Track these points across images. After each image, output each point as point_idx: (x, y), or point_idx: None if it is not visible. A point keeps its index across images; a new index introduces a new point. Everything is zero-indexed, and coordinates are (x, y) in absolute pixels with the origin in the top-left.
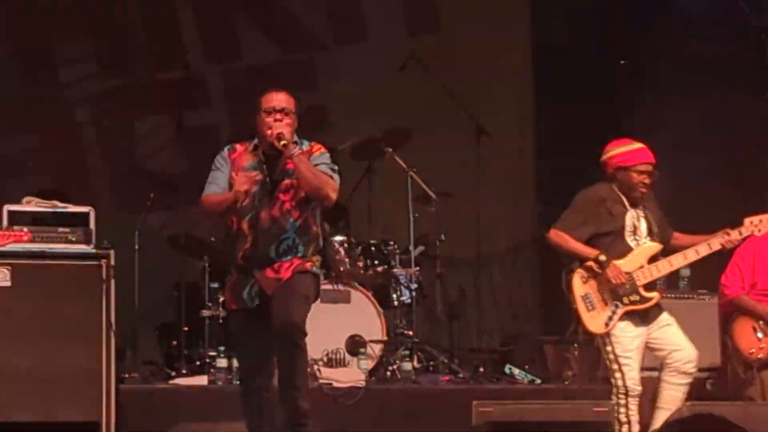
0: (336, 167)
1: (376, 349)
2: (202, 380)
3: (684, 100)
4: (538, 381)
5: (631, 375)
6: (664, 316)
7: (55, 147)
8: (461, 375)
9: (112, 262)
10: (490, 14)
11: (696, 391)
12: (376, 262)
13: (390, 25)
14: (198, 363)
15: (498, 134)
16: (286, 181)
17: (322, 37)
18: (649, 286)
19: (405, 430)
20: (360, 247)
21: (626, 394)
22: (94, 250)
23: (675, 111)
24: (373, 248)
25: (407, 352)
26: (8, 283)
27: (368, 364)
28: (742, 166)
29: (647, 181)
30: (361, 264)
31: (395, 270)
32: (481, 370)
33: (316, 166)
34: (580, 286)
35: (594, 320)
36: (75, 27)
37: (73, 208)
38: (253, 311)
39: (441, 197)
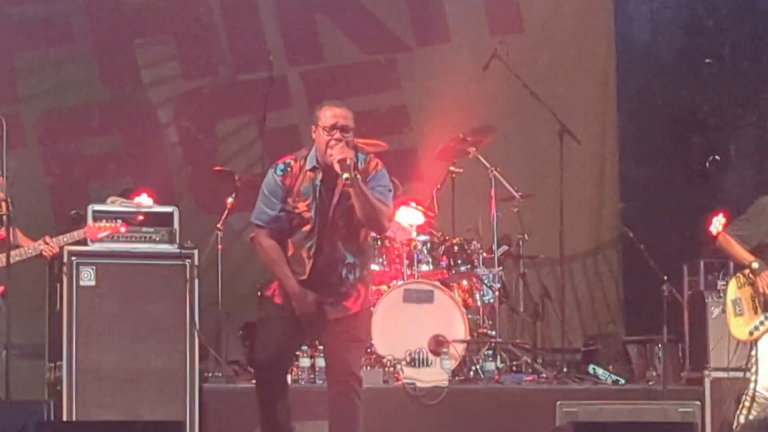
0: (392, 187)
1: (459, 349)
2: None
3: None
4: (622, 381)
5: (763, 383)
6: None
7: (137, 148)
8: (545, 375)
9: (196, 262)
10: (573, 14)
11: None
12: (460, 262)
13: (473, 27)
14: None
15: (581, 134)
16: (343, 207)
17: (404, 38)
18: None
19: (488, 430)
20: (443, 247)
21: (753, 399)
22: (178, 250)
23: (761, 110)
24: (456, 248)
25: (490, 352)
26: (93, 283)
27: (451, 364)
28: None
29: None
30: (444, 264)
31: (478, 270)
32: (565, 370)
33: (372, 189)
34: (734, 290)
35: (739, 326)
36: (158, 29)
37: (157, 208)
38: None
39: (524, 197)
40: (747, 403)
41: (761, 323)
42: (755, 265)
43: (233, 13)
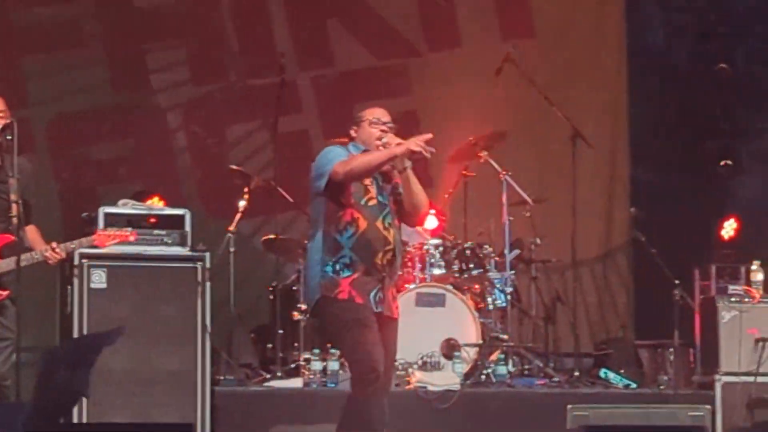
0: None
1: (471, 353)
2: (297, 383)
3: None
4: (634, 385)
5: None
6: None
7: (147, 153)
8: (556, 379)
9: (208, 265)
10: (585, 19)
11: None
12: (472, 265)
13: (484, 32)
14: (293, 365)
15: (593, 138)
16: (393, 194)
17: (416, 44)
18: None
19: None
20: (455, 251)
21: None
22: (190, 253)
23: None
24: (468, 252)
25: (502, 356)
26: (104, 285)
27: (463, 367)
28: None
29: None
30: (456, 267)
31: (490, 274)
32: (576, 374)
33: None
34: None
35: None
36: (168, 34)
37: (169, 211)
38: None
39: (536, 201)
40: None
41: None
42: None
43: (244, 18)
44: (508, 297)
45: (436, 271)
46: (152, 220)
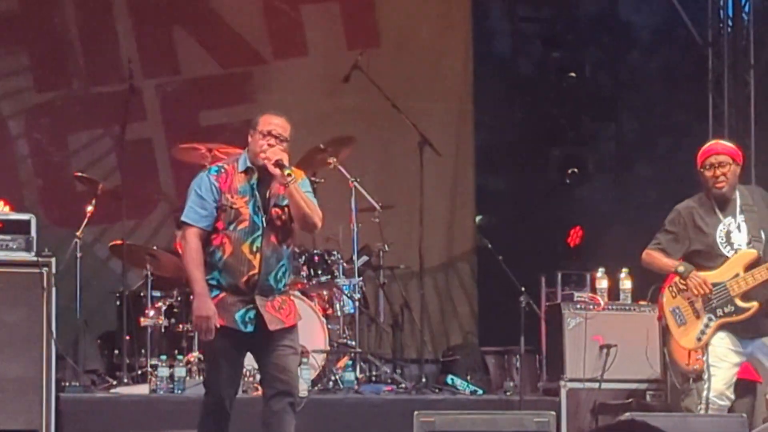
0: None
1: (319, 359)
2: (143, 389)
3: (626, 113)
4: (480, 392)
5: (716, 386)
6: None
7: None
8: (404, 385)
9: (54, 270)
10: (431, 28)
11: (637, 402)
12: (320, 272)
13: (330, 40)
14: (140, 372)
15: (439, 146)
16: (277, 208)
17: (262, 52)
18: (747, 296)
19: None
20: (303, 257)
21: (706, 407)
22: (35, 258)
23: (618, 124)
24: (316, 258)
25: (350, 362)
26: None
27: (311, 374)
28: (685, 178)
29: (717, 174)
30: (304, 274)
31: (338, 280)
32: (424, 380)
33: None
34: (670, 301)
35: (686, 336)
36: (10, 40)
37: (14, 216)
38: (240, 333)
39: (384, 208)
40: (702, 411)
41: (706, 326)
42: (681, 268)
43: (89, 25)
44: (356, 303)
45: None
46: None
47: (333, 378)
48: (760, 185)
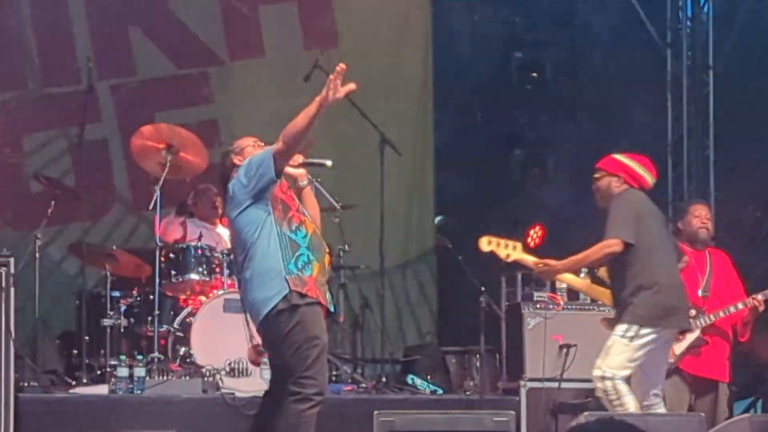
0: None
1: None
2: (102, 389)
3: (586, 113)
4: (440, 391)
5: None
6: None
7: None
8: (364, 385)
9: (12, 270)
10: (389, 29)
11: (596, 402)
12: None
13: (288, 41)
14: (99, 372)
15: (400, 145)
16: None
17: (218, 52)
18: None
19: None
20: None
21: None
22: None
23: (578, 125)
24: None
25: None
26: None
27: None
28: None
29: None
30: None
31: None
32: (384, 380)
33: None
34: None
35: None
36: None
37: None
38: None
39: (345, 207)
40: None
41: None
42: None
43: (44, 26)
44: None
45: None
46: None
47: None
48: (720, 187)
